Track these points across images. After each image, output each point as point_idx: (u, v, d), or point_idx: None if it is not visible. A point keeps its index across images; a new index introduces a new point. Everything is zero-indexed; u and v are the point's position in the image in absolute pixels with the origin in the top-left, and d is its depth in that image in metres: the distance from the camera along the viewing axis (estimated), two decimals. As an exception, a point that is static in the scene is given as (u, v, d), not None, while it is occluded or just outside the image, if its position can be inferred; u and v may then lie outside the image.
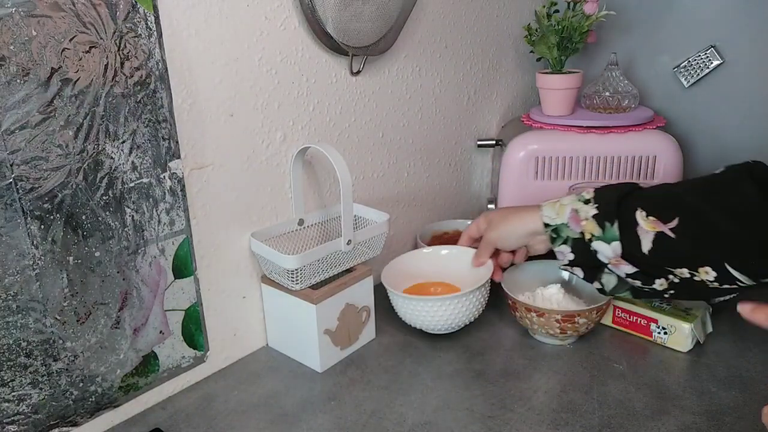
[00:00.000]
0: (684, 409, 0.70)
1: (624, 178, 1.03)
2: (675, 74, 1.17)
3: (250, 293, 0.82)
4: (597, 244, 0.72)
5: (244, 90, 0.75)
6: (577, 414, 0.70)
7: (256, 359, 0.83)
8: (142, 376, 0.71)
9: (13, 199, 0.56)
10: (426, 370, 0.79)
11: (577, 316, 0.79)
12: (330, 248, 0.78)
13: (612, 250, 0.71)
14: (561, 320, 0.79)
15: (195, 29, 0.68)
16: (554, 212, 0.76)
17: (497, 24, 1.16)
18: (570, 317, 0.79)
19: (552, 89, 1.07)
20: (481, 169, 1.23)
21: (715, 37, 1.11)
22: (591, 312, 0.79)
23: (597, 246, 0.73)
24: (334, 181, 0.90)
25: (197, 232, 0.74)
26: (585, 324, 0.80)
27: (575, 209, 0.74)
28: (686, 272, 0.69)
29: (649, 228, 0.70)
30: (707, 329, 0.84)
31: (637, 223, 0.70)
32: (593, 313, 0.79)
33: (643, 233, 0.70)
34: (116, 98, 0.62)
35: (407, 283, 0.89)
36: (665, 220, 0.69)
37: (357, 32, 0.82)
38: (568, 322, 0.79)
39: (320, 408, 0.73)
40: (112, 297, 0.66)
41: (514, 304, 0.83)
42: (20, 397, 0.61)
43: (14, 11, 0.53)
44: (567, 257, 0.76)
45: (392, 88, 0.97)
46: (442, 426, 0.69)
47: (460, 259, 0.90)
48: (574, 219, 0.74)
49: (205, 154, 0.73)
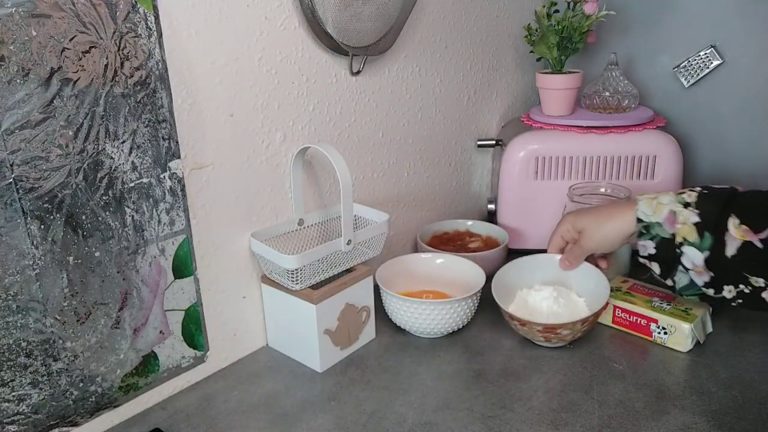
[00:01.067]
0: (684, 409, 0.70)
1: (624, 178, 1.03)
2: (675, 74, 1.17)
3: (250, 293, 0.82)
4: (688, 249, 0.71)
5: (244, 90, 0.75)
6: (577, 414, 0.70)
7: (256, 359, 0.83)
8: (142, 376, 0.71)
9: (13, 199, 0.56)
10: (426, 370, 0.79)
11: (560, 328, 0.78)
12: (330, 248, 0.78)
13: (702, 258, 0.70)
14: (543, 330, 0.78)
15: (195, 29, 0.68)
16: (651, 210, 0.75)
17: (497, 24, 1.16)
18: (551, 329, 0.78)
19: (552, 89, 1.07)
20: (481, 169, 1.23)
21: (715, 37, 1.11)
22: (575, 324, 0.78)
23: (687, 251, 0.71)
24: (334, 181, 0.90)
25: (197, 232, 0.74)
26: (570, 334, 0.79)
27: (674, 211, 0.73)
28: (762, 282, 0.68)
29: (738, 236, 0.68)
30: (707, 329, 0.84)
31: (727, 229, 0.69)
32: (577, 325, 0.78)
33: (731, 239, 0.68)
34: (116, 98, 0.62)
35: (400, 286, 0.89)
36: (756, 230, 0.67)
37: (357, 32, 0.82)
38: (550, 332, 0.79)
39: (320, 408, 0.73)
40: (112, 297, 0.66)
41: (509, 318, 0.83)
42: (20, 397, 0.61)
43: (14, 11, 0.53)
44: (648, 251, 0.76)
45: (392, 88, 0.97)
46: (442, 426, 0.69)
47: (452, 269, 0.92)
48: (670, 220, 0.73)
49: (205, 154, 0.73)
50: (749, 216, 0.68)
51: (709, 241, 0.70)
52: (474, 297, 0.84)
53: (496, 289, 0.84)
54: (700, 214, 0.71)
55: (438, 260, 0.95)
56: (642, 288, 0.89)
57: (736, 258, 0.68)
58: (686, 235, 0.71)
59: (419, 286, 0.92)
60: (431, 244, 1.03)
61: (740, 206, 0.70)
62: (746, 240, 0.68)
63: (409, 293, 0.88)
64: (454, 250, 1.02)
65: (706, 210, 0.71)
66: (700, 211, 0.71)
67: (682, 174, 1.04)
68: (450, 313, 0.82)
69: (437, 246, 1.03)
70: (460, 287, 0.89)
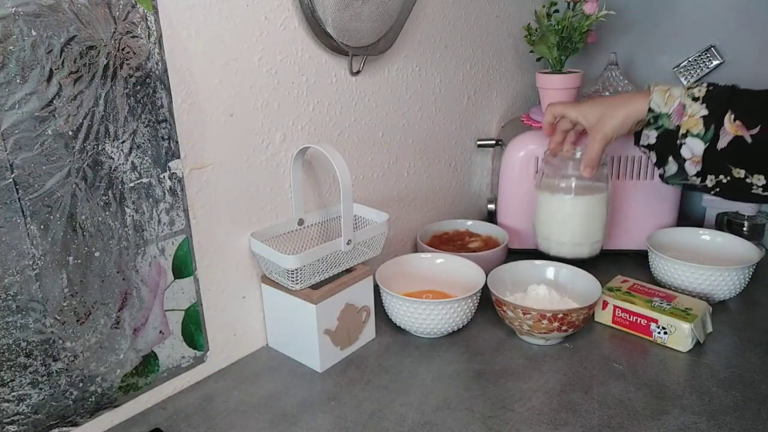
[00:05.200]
0: (684, 409, 0.70)
1: (624, 177, 1.03)
2: (675, 74, 1.17)
3: (250, 293, 0.82)
4: (690, 141, 0.76)
5: (244, 90, 0.75)
6: (577, 414, 0.70)
7: (256, 359, 0.83)
8: (142, 376, 0.71)
9: (13, 199, 0.56)
10: (426, 370, 0.79)
11: (560, 314, 0.78)
12: (330, 248, 0.78)
13: (702, 149, 0.76)
14: (540, 318, 0.78)
15: (195, 29, 0.68)
16: (663, 101, 0.79)
17: (497, 24, 1.16)
18: (554, 316, 0.78)
19: (552, 89, 1.07)
20: (481, 169, 1.23)
21: (715, 37, 1.11)
22: (579, 311, 0.78)
23: (689, 142, 0.77)
24: (334, 181, 0.90)
25: (197, 232, 0.74)
26: (575, 318, 0.79)
27: (683, 104, 0.78)
28: (743, 173, 0.75)
29: (731, 130, 0.74)
30: (707, 329, 0.84)
31: (722, 125, 0.74)
32: (576, 314, 0.78)
33: (724, 133, 0.74)
34: (116, 98, 0.62)
35: (400, 286, 0.89)
36: (749, 126, 0.73)
37: (357, 32, 0.82)
38: (551, 321, 0.78)
39: (320, 408, 0.73)
40: (112, 297, 0.66)
41: (500, 305, 0.83)
42: (20, 397, 0.61)
43: (14, 11, 0.53)
44: (649, 140, 0.81)
45: (392, 88, 0.97)
46: (442, 426, 0.69)
47: (452, 269, 0.92)
48: (678, 112, 0.78)
49: (204, 154, 0.73)
50: (745, 113, 0.74)
51: (711, 133, 0.75)
52: (474, 297, 0.84)
53: (493, 285, 0.85)
54: (708, 107, 0.76)
55: (438, 260, 0.95)
56: (642, 288, 0.89)
57: (725, 150, 0.75)
58: (691, 128, 0.77)
59: (419, 286, 0.92)
60: (431, 244, 1.03)
61: (737, 103, 0.75)
62: (738, 135, 0.74)
63: (409, 293, 0.88)
64: (454, 250, 1.02)
65: (714, 104, 0.76)
66: (707, 104, 0.76)
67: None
68: (450, 313, 0.82)
69: (437, 246, 1.03)
70: (460, 287, 0.89)
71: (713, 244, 0.99)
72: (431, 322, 0.82)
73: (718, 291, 0.90)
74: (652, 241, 0.98)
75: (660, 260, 0.94)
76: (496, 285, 0.86)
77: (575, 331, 0.82)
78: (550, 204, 0.97)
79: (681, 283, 0.92)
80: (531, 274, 0.91)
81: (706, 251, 0.99)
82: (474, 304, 0.85)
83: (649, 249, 0.96)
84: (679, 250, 0.98)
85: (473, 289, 0.84)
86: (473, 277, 0.88)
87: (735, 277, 0.88)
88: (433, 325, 0.83)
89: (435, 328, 0.83)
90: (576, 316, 0.79)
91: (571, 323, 0.79)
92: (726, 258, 0.95)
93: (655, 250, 0.95)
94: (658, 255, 0.94)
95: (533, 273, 0.91)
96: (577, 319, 0.79)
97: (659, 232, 1.01)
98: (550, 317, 0.78)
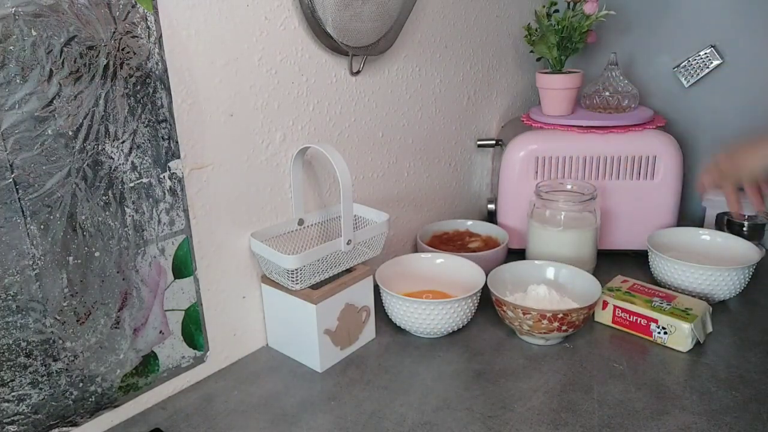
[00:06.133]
0: (684, 409, 0.70)
1: (624, 177, 1.03)
2: (675, 74, 1.17)
3: (250, 293, 0.82)
4: None
5: (244, 90, 0.75)
6: (577, 414, 0.70)
7: (256, 359, 0.83)
8: (142, 376, 0.71)
9: (13, 199, 0.56)
10: (426, 370, 0.79)
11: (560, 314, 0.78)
12: (330, 248, 0.78)
13: None
14: (541, 318, 0.78)
15: (195, 29, 0.68)
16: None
17: (497, 24, 1.16)
18: (554, 316, 0.78)
19: (552, 89, 1.07)
20: (481, 169, 1.23)
21: (715, 37, 1.11)
22: (578, 311, 0.78)
23: None
24: (334, 181, 0.90)
25: (197, 232, 0.74)
26: (574, 318, 0.79)
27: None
28: None
29: None
30: (707, 329, 0.84)
31: None
32: (576, 313, 0.78)
33: None
34: (116, 98, 0.62)
35: (400, 286, 0.89)
36: None
37: (357, 32, 0.82)
38: (551, 320, 0.79)
39: (320, 408, 0.73)
40: (112, 297, 0.66)
41: (500, 304, 0.83)
42: (20, 397, 0.61)
43: (14, 11, 0.53)
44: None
45: (392, 88, 0.97)
46: (442, 426, 0.69)
47: (452, 269, 0.92)
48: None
49: (204, 154, 0.73)
50: None
51: None
52: (474, 297, 0.84)
53: (493, 285, 0.85)
54: None
55: (438, 260, 0.95)
56: (642, 288, 0.89)
57: None
58: None
59: (419, 286, 0.92)
60: (431, 244, 1.03)
61: None
62: None
63: (409, 293, 0.88)
64: (454, 250, 1.02)
65: None
66: None
67: (682, 174, 1.04)
68: (450, 313, 0.82)
69: (437, 246, 1.03)
70: (460, 287, 0.89)
71: (713, 244, 1.00)
72: (431, 322, 0.82)
73: (718, 291, 0.90)
74: (652, 241, 0.98)
75: (660, 260, 0.94)
76: (496, 285, 0.86)
77: (575, 331, 0.82)
78: (540, 235, 1.00)
79: (681, 283, 0.92)
80: (531, 274, 0.91)
81: (706, 251, 0.99)
82: (474, 304, 0.85)
83: (649, 249, 0.97)
84: (679, 250, 0.98)
85: (473, 289, 0.84)
86: (473, 277, 0.88)
87: (735, 277, 0.88)
88: (433, 325, 0.83)
89: (435, 328, 0.83)
90: (576, 316, 0.79)
91: (571, 323, 0.79)
92: (726, 258, 0.95)
93: (655, 250, 0.95)
94: (658, 255, 0.94)
95: (533, 273, 0.91)
96: (577, 319, 0.79)
97: (659, 232, 1.01)
98: (550, 317, 0.78)
